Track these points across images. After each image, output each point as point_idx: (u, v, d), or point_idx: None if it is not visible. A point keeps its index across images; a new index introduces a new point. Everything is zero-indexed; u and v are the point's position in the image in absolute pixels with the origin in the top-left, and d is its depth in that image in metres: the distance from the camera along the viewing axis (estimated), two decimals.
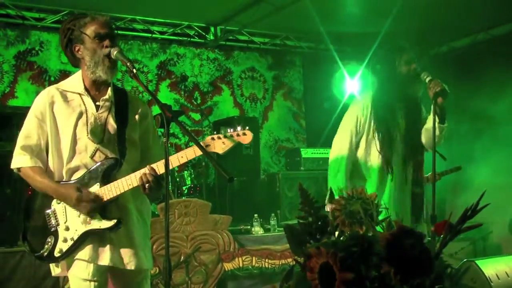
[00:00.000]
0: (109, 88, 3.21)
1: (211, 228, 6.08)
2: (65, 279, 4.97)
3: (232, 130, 2.99)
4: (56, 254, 3.08)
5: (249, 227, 6.71)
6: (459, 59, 9.09)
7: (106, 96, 3.19)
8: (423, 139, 4.12)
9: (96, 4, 7.22)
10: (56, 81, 7.83)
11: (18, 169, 3.17)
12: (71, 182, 3.10)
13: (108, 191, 3.06)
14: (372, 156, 4.10)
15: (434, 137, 3.76)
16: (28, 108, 3.25)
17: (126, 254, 3.12)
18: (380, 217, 1.65)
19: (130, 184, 3.04)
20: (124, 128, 3.19)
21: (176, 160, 3.00)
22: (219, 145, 2.95)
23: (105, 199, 3.06)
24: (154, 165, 3.03)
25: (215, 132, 3.00)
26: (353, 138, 4.13)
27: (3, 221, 5.52)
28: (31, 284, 5.26)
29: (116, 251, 3.09)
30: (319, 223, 1.64)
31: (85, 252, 3.05)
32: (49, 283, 5.23)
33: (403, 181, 4.08)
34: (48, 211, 3.13)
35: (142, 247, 3.20)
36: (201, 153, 2.94)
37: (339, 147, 4.19)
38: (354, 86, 8.81)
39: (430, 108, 3.88)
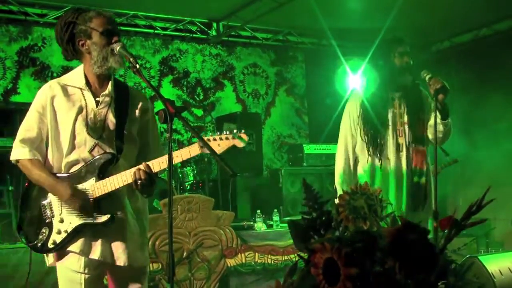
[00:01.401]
0: (110, 83, 3.22)
1: (213, 224, 6.08)
2: None
3: (228, 132, 3.01)
4: (50, 245, 3.11)
5: (251, 223, 6.72)
6: (461, 55, 9.08)
7: (106, 91, 3.20)
8: (429, 135, 4.15)
9: (99, 0, 7.22)
10: (59, 77, 7.82)
11: (17, 160, 3.19)
12: (68, 174, 3.12)
13: (103, 186, 3.07)
14: (365, 150, 4.17)
15: (435, 133, 3.80)
16: (30, 104, 3.26)
17: (117, 249, 3.13)
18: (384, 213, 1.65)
19: (125, 180, 3.06)
20: (124, 124, 3.20)
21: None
22: (215, 147, 2.97)
23: (97, 195, 3.08)
24: (149, 163, 3.05)
25: (210, 134, 3.02)
26: (348, 138, 4.23)
27: (6, 217, 5.54)
28: (34, 280, 5.26)
29: (107, 246, 3.11)
30: (323, 218, 1.64)
31: (77, 244, 3.07)
32: (52, 279, 5.22)
33: (396, 170, 4.10)
34: (44, 202, 3.16)
35: (136, 244, 3.21)
36: (196, 153, 2.98)
37: (338, 149, 4.32)
38: (357, 82, 8.79)
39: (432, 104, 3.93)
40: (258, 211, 6.73)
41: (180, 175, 7.38)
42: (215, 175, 8.24)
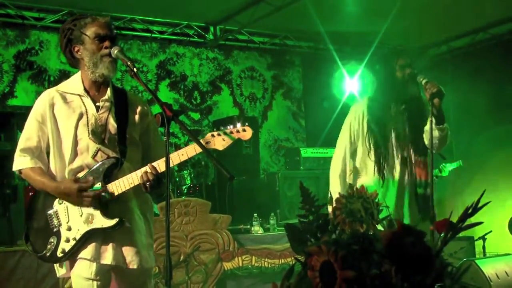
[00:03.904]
0: (109, 88, 3.23)
1: (210, 227, 6.08)
2: (65, 279, 4.97)
3: (232, 126, 3.01)
4: (59, 254, 3.09)
5: (248, 226, 6.71)
6: (458, 59, 9.10)
7: (106, 97, 3.20)
8: (425, 141, 4.14)
9: (96, 4, 7.23)
10: (56, 80, 7.83)
11: (20, 171, 3.19)
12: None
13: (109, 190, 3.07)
14: (369, 165, 4.16)
15: (431, 138, 3.80)
16: (28, 108, 3.27)
17: (129, 253, 3.13)
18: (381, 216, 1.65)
19: (131, 183, 3.06)
20: (125, 128, 3.20)
21: (176, 157, 3.02)
22: (219, 141, 2.97)
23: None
24: (155, 163, 3.05)
25: (215, 129, 3.02)
26: (347, 150, 4.24)
27: (2, 221, 5.52)
28: (31, 284, 5.25)
29: (119, 250, 3.10)
30: (320, 221, 1.65)
31: (88, 251, 3.05)
32: (49, 283, 5.23)
33: (400, 184, 4.10)
34: (50, 211, 3.14)
35: (145, 246, 3.22)
36: (196, 152, 2.97)
37: (335, 161, 4.33)
38: (354, 86, 8.81)
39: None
40: (255, 214, 6.73)
41: (177, 179, 7.37)
42: (212, 178, 8.24)
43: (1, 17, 7.56)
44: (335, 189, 4.24)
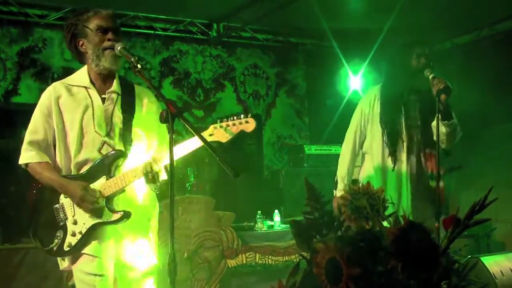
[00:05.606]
0: (115, 81, 3.23)
1: (214, 224, 6.08)
2: (70, 275, 4.98)
3: (235, 118, 2.99)
4: (66, 248, 3.10)
5: (252, 223, 6.71)
6: (462, 56, 9.06)
7: (112, 89, 3.21)
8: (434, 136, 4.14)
9: (99, 1, 7.22)
10: (59, 78, 7.76)
11: (26, 164, 3.19)
12: (78, 175, 3.12)
13: (114, 184, 3.07)
14: (375, 150, 4.14)
15: (438, 134, 3.80)
16: (31, 105, 3.28)
17: (130, 248, 3.14)
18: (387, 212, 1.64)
19: (135, 176, 3.06)
20: (131, 120, 3.21)
21: (181, 150, 3.01)
22: (222, 134, 2.95)
23: (109, 193, 3.07)
24: (157, 155, 3.05)
25: (218, 121, 3.00)
26: (357, 133, 4.21)
27: (7, 218, 5.53)
28: (35, 281, 5.26)
29: (120, 245, 3.11)
30: (325, 218, 1.64)
31: (92, 246, 3.07)
32: (53, 280, 5.24)
33: (409, 174, 4.09)
34: (56, 205, 3.15)
35: (148, 243, 3.22)
36: (199, 145, 2.95)
37: (345, 141, 4.31)
38: (357, 83, 8.81)
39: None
40: (259, 211, 6.73)
41: (181, 176, 7.37)
42: (216, 175, 8.23)
43: (4, 15, 7.56)
44: (343, 173, 4.22)
